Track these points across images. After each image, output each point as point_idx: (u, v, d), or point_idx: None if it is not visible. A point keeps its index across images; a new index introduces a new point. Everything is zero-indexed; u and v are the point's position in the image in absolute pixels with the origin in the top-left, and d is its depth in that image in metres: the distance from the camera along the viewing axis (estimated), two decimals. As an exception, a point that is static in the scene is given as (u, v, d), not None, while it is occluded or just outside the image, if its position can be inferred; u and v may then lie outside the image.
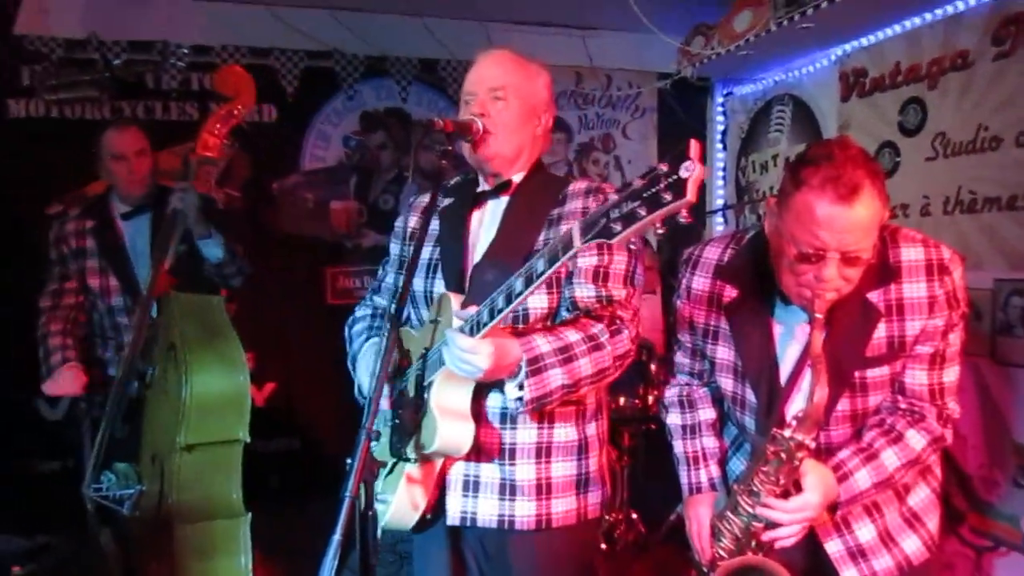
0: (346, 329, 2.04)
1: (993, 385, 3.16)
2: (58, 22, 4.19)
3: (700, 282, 1.83)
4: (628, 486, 3.98)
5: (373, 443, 1.74)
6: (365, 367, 1.84)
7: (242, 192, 4.68)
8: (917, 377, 1.65)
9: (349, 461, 1.41)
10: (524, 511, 1.71)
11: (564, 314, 1.74)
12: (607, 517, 3.86)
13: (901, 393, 1.68)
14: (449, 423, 1.61)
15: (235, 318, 4.59)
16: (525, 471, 1.71)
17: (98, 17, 4.23)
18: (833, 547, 1.72)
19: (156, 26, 4.31)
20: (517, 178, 1.81)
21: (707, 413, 1.94)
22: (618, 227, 1.25)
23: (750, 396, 1.77)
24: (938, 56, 3.50)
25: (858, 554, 1.71)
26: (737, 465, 1.92)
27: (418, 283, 1.81)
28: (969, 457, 3.24)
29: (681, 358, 1.97)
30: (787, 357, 1.72)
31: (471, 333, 1.51)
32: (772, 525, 1.62)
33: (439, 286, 1.79)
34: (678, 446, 1.93)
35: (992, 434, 3.17)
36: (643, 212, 1.21)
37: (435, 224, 1.84)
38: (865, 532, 1.72)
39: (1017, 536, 3.04)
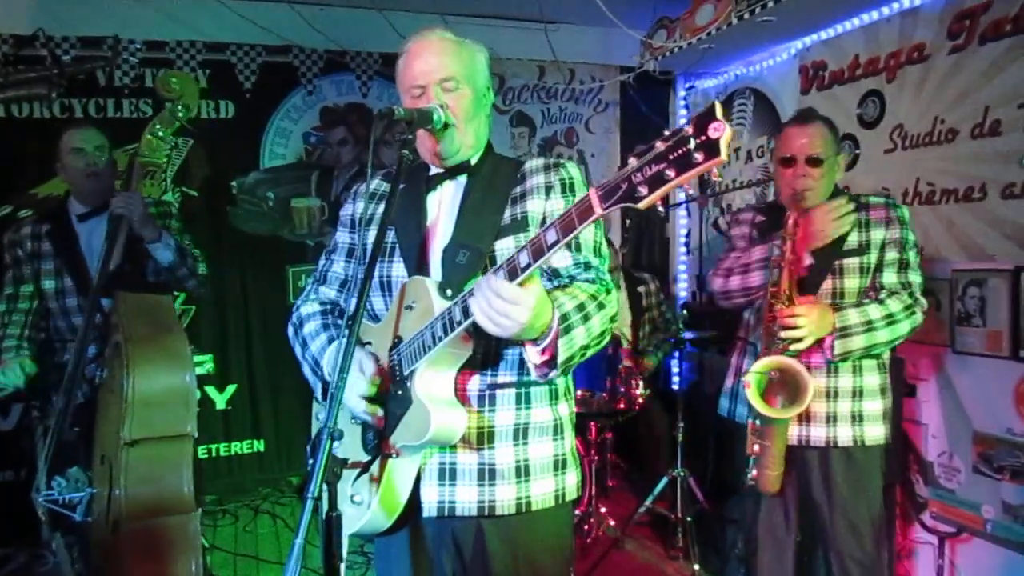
0: (290, 329, 1.91)
1: (953, 374, 3.21)
2: (4, 18, 4.07)
3: (745, 215, 2.80)
4: (596, 481, 3.98)
5: (338, 443, 1.70)
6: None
7: (200, 191, 4.60)
8: (889, 277, 2.47)
9: (311, 462, 1.36)
10: (504, 495, 1.66)
11: (546, 283, 1.69)
12: (575, 512, 3.86)
13: (882, 289, 2.46)
14: (441, 411, 1.55)
15: (195, 319, 4.58)
16: (504, 454, 1.67)
17: (47, 12, 4.12)
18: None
19: (107, 21, 4.18)
20: (473, 159, 1.77)
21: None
22: (644, 190, 1.23)
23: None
24: (895, 50, 3.54)
25: (804, 418, 2.46)
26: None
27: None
28: (929, 445, 3.29)
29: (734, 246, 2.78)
30: None
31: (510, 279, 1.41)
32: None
33: (397, 270, 1.72)
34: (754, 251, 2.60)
35: (952, 422, 3.23)
36: (672, 173, 1.20)
37: (383, 208, 1.78)
38: (819, 407, 2.46)
39: (979, 522, 3.10)
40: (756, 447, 2.42)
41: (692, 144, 1.18)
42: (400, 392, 1.60)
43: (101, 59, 4.19)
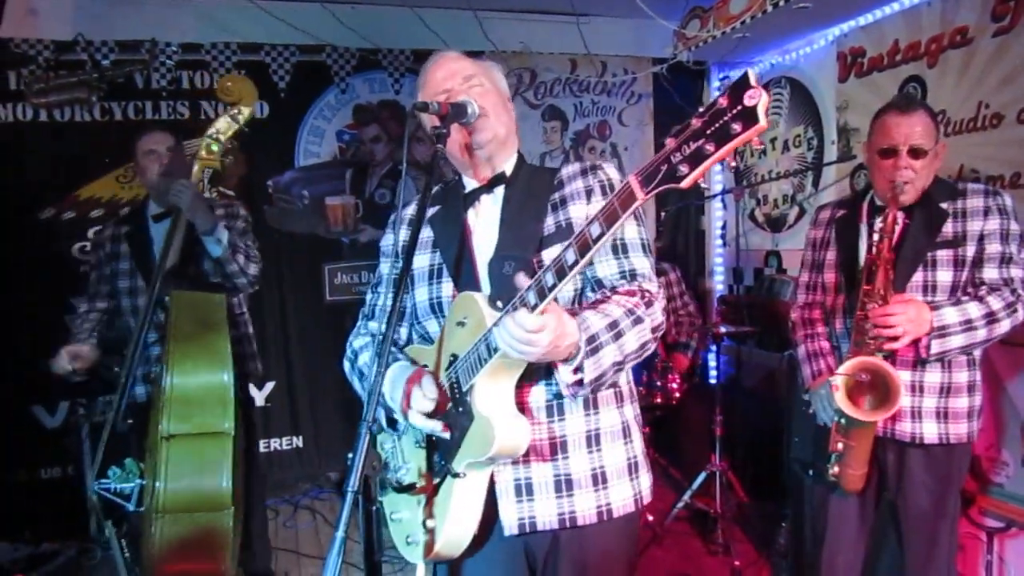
0: (346, 364, 1.91)
1: (1000, 366, 3.13)
2: (45, 24, 4.15)
3: (824, 213, 2.66)
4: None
5: (403, 468, 1.66)
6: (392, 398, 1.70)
7: (236, 190, 4.65)
8: (990, 273, 2.30)
9: (350, 456, 1.36)
10: (584, 505, 1.64)
11: (590, 295, 1.68)
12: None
13: (981, 284, 2.31)
14: (503, 423, 1.51)
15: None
16: (579, 463, 1.64)
17: (86, 18, 4.20)
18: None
19: (144, 25, 4.27)
20: (508, 170, 1.77)
21: (822, 327, 2.57)
22: (685, 169, 1.21)
23: (842, 278, 2.53)
24: (937, 34, 3.46)
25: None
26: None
27: (421, 293, 1.74)
28: (977, 438, 3.21)
29: (804, 276, 2.69)
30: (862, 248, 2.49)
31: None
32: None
33: (447, 290, 1.71)
34: (801, 350, 2.56)
35: (1000, 415, 3.15)
36: (711, 148, 1.18)
37: (427, 232, 1.79)
38: (903, 401, 2.30)
39: (1028, 516, 3.02)
40: (840, 445, 2.31)
41: (729, 115, 1.15)
42: (461, 409, 1.57)
43: (139, 62, 4.27)
